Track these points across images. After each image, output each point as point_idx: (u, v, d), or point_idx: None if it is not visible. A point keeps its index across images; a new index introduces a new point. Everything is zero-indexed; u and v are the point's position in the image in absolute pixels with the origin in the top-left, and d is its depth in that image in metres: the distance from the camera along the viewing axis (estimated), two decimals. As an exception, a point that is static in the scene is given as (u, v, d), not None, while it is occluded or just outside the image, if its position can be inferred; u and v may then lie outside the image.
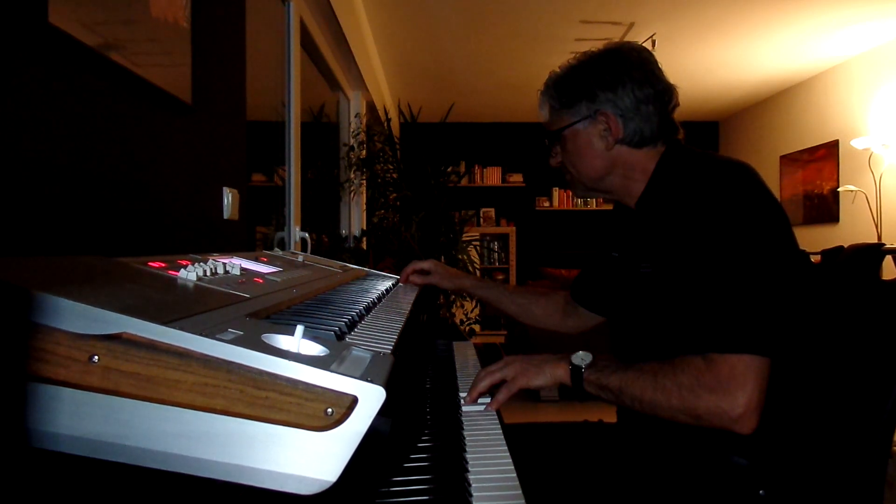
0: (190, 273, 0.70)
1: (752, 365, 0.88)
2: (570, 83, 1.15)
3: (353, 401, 0.43)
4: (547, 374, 1.05)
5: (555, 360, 1.06)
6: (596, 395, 1.02)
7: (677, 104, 1.15)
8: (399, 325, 0.84)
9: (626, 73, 1.10)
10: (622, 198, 1.20)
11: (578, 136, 1.15)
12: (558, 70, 1.19)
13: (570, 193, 7.50)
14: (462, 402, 1.03)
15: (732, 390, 0.88)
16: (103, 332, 0.42)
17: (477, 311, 4.50)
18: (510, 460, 0.77)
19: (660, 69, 1.13)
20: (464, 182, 6.62)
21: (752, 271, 0.92)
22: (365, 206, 4.47)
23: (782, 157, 6.21)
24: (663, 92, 1.12)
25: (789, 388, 0.97)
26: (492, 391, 1.04)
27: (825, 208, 5.57)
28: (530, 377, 1.05)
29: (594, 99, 1.12)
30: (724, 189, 0.98)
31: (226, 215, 1.62)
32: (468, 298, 4.20)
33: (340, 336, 0.67)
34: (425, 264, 1.57)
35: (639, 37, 4.55)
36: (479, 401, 1.03)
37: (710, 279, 0.94)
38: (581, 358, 1.03)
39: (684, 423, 0.93)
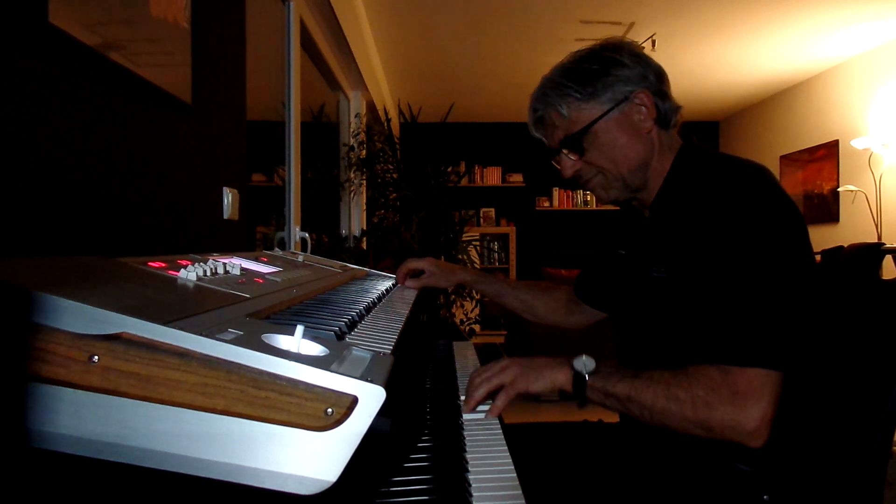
0: (190, 273, 0.70)
1: (768, 379, 0.87)
2: (589, 70, 1.06)
3: (353, 401, 0.43)
4: (547, 380, 1.00)
5: (555, 365, 1.01)
6: (599, 402, 0.98)
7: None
8: (399, 325, 0.84)
9: (635, 53, 1.07)
10: (643, 193, 1.14)
11: (615, 124, 1.06)
12: (561, 65, 1.10)
13: (570, 193, 7.50)
14: (462, 401, 1.02)
15: (749, 404, 0.86)
16: (103, 332, 0.42)
17: (477, 311, 4.50)
18: (510, 460, 0.77)
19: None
20: (464, 182, 6.63)
21: (771, 283, 0.90)
22: (365, 206, 4.47)
23: (782, 157, 6.21)
24: (661, 70, 1.09)
25: (791, 390, 0.96)
26: (490, 396, 1.00)
27: (825, 208, 5.57)
28: (530, 381, 1.00)
29: (626, 79, 1.05)
30: (742, 196, 0.95)
31: (226, 215, 1.62)
32: (468, 298, 4.20)
33: (340, 336, 0.67)
34: (420, 263, 1.53)
35: (639, 37, 4.55)
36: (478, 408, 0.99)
37: (729, 289, 0.91)
38: (584, 364, 0.98)
39: (695, 434, 0.90)
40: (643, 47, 1.11)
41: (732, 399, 0.87)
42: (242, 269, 0.86)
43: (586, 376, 0.98)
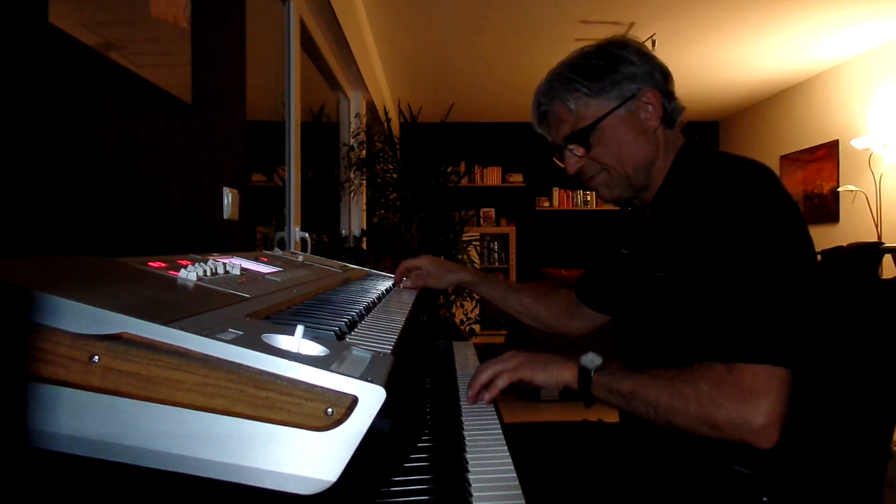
0: (190, 273, 0.70)
1: (775, 375, 0.85)
2: (598, 66, 1.06)
3: (353, 401, 0.43)
4: (552, 374, 1.00)
5: (561, 361, 1.01)
6: (605, 399, 0.98)
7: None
8: (399, 325, 0.84)
9: (641, 52, 1.07)
10: (646, 193, 1.13)
11: (622, 121, 1.06)
12: (568, 60, 1.09)
13: (570, 193, 7.50)
14: (462, 401, 1.02)
15: (755, 399, 0.84)
16: (103, 332, 0.42)
17: (477, 311, 4.50)
18: (510, 460, 0.77)
19: None
20: (464, 182, 6.62)
21: (775, 280, 0.89)
22: (365, 206, 4.47)
23: (782, 157, 6.21)
24: (666, 69, 1.09)
25: (791, 390, 0.96)
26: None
27: (825, 208, 5.56)
28: (535, 371, 1.00)
29: (633, 77, 1.05)
30: (744, 194, 0.95)
31: (226, 215, 1.62)
32: (468, 298, 4.20)
33: (340, 336, 0.67)
34: (419, 262, 1.49)
35: (639, 37, 4.53)
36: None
37: (732, 287, 0.90)
38: (591, 360, 0.98)
39: (701, 434, 0.89)
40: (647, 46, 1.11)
41: (738, 395, 0.85)
42: (242, 269, 0.86)
43: (592, 372, 0.97)
